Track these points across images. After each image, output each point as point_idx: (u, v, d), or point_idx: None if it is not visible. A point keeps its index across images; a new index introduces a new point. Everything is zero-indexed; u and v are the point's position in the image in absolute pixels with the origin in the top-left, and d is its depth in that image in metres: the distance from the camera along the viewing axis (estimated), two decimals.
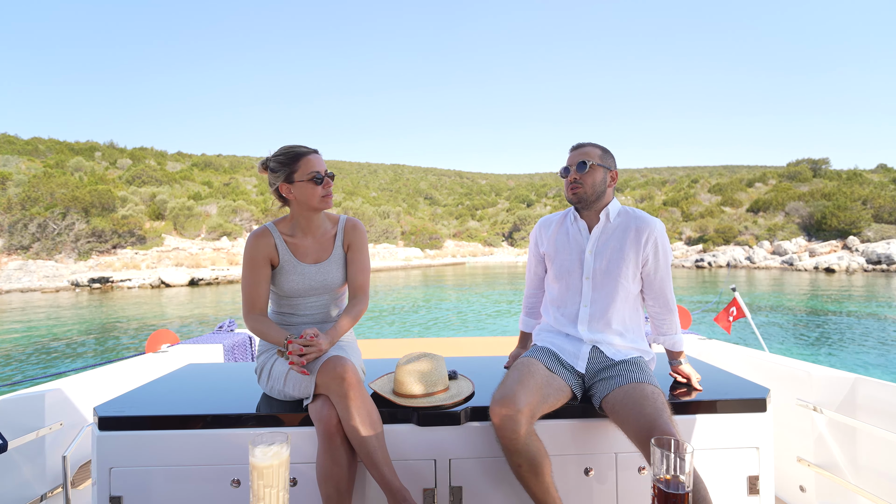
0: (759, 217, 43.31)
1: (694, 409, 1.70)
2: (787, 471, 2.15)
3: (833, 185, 42.91)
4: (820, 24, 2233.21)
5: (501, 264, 43.57)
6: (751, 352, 2.61)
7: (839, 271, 28.52)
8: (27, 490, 1.98)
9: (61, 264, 28.55)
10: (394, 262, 40.55)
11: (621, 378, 1.61)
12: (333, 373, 1.56)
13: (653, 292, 1.83)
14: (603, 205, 1.81)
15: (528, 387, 1.53)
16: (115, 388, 2.42)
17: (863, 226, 34.98)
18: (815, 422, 2.03)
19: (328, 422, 1.54)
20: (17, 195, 31.89)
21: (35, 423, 2.02)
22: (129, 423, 1.62)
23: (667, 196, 56.38)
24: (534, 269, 2.03)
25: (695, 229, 43.16)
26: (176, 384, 2.01)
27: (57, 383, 2.22)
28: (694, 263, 35.58)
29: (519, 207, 65.91)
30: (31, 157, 44.38)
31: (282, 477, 1.06)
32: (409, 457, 1.65)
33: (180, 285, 25.14)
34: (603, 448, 1.68)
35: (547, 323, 1.92)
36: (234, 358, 3.39)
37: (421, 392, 1.71)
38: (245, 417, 1.64)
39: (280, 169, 1.76)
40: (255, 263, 1.79)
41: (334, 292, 1.90)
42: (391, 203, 65.11)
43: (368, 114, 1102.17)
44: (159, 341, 3.24)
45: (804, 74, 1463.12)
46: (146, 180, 42.81)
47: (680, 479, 0.98)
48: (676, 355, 1.90)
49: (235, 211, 39.50)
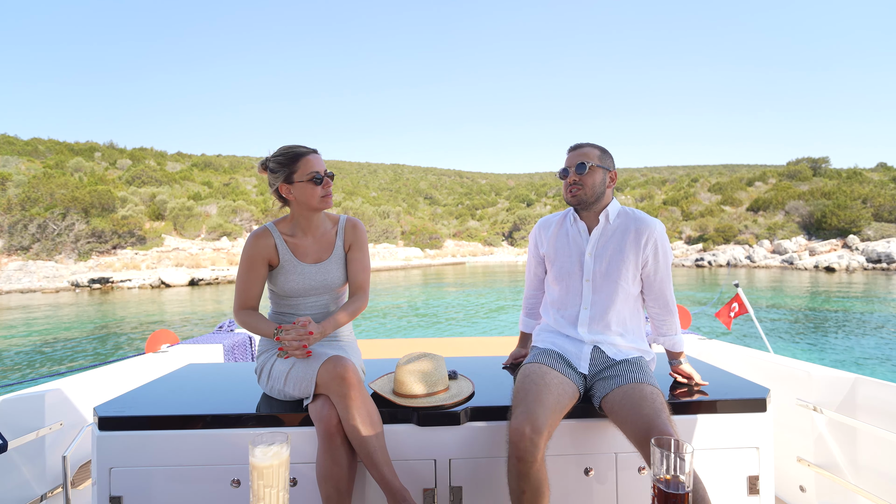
0: (759, 216, 43.30)
1: (694, 409, 1.70)
2: (787, 471, 2.15)
3: (833, 184, 42.88)
4: (820, 22, 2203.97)
5: (501, 264, 43.57)
6: (751, 352, 2.61)
7: (839, 270, 28.52)
8: (27, 490, 1.98)
9: (61, 265, 28.56)
10: (394, 262, 40.56)
11: (621, 378, 1.61)
12: (334, 372, 1.56)
13: (653, 293, 1.82)
14: (602, 206, 1.80)
15: (548, 405, 1.49)
16: (115, 388, 2.42)
17: (863, 224, 34.96)
18: (815, 422, 2.03)
19: (328, 422, 1.54)
20: (16, 196, 31.88)
21: (35, 423, 2.02)
22: (129, 423, 1.62)
23: (667, 195, 56.36)
24: (533, 270, 2.03)
25: (695, 228, 43.14)
26: (176, 384, 2.01)
27: (57, 383, 2.22)
28: (694, 262, 35.58)
29: (519, 207, 65.90)
30: (31, 157, 44.34)
31: (282, 477, 1.06)
32: (409, 457, 1.65)
33: (180, 285, 25.15)
34: (603, 448, 1.68)
35: (547, 324, 1.92)
36: (234, 358, 3.39)
37: (421, 392, 1.71)
38: (245, 417, 1.64)
39: (279, 169, 1.76)
40: (252, 263, 1.79)
41: (335, 292, 1.90)
42: (391, 203, 65.09)
43: (368, 114, 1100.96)
44: (159, 341, 3.24)
45: (804, 73, 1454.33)
46: (146, 181, 42.78)
47: (680, 479, 0.98)
48: (676, 355, 1.90)
49: (235, 211, 39.49)
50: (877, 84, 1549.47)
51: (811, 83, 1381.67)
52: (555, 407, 1.51)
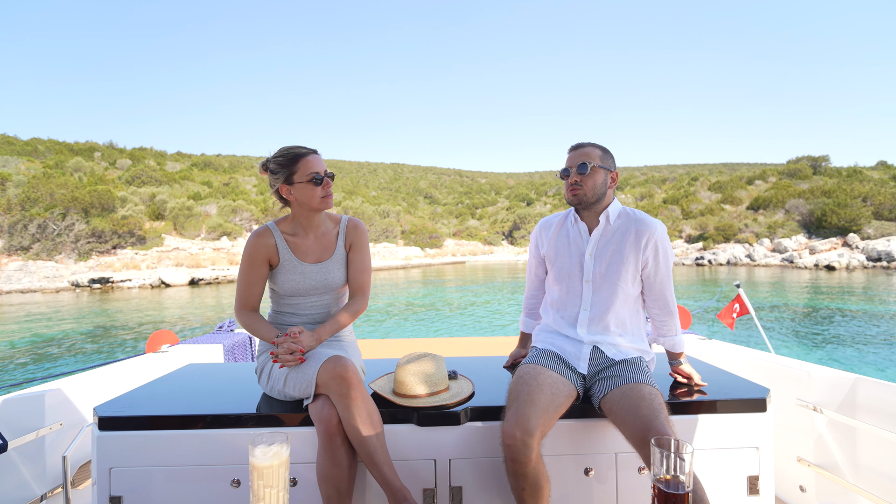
0: (760, 215, 43.27)
1: (694, 409, 1.70)
2: (787, 471, 2.15)
3: (833, 183, 42.83)
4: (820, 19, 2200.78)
5: (501, 263, 43.56)
6: (751, 352, 2.61)
7: (839, 269, 28.51)
8: (27, 490, 1.99)
9: (61, 265, 28.55)
10: (394, 262, 40.55)
11: (620, 378, 1.61)
12: (334, 372, 1.56)
13: (653, 294, 1.82)
14: (603, 206, 1.79)
15: (540, 405, 1.50)
16: (115, 388, 2.42)
17: (863, 223, 34.93)
18: (815, 422, 2.03)
19: (328, 422, 1.54)
20: (16, 196, 31.86)
21: (35, 423, 2.02)
22: (129, 423, 1.62)
23: (667, 194, 56.32)
24: (534, 270, 2.03)
25: (695, 227, 43.11)
26: (176, 384, 2.01)
27: (57, 383, 2.22)
28: (694, 261, 35.58)
29: (519, 206, 65.87)
30: (31, 157, 44.30)
31: (282, 477, 1.06)
32: (409, 457, 1.65)
33: (180, 285, 25.14)
34: (603, 448, 1.68)
35: (546, 324, 1.91)
36: (234, 358, 3.39)
37: (421, 392, 1.71)
38: (245, 417, 1.64)
39: (280, 170, 1.76)
40: (253, 262, 1.80)
41: (335, 292, 1.90)
42: (391, 202, 65.08)
43: (368, 114, 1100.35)
44: (159, 341, 3.24)
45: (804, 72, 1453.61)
46: (146, 180, 42.75)
47: (680, 480, 0.98)
48: (677, 356, 1.90)
49: (235, 211, 39.46)
50: (877, 82, 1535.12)
51: (811, 82, 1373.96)
52: (547, 407, 1.51)
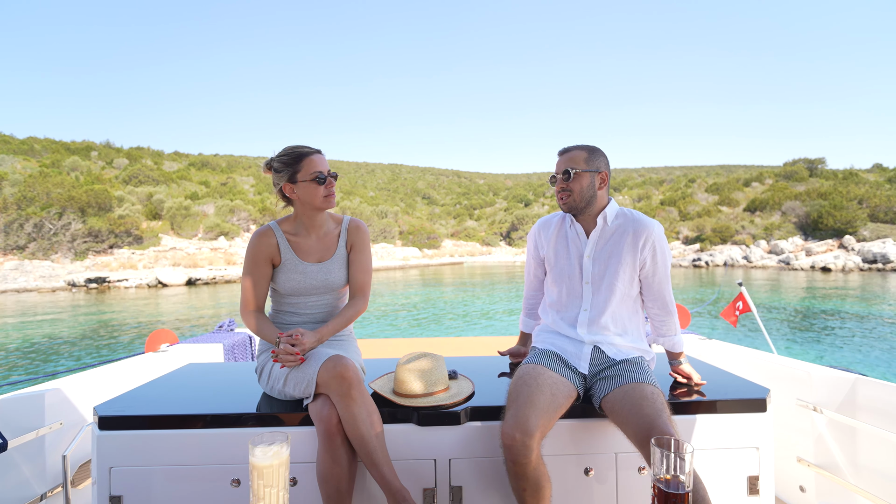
0: (756, 216, 43.40)
1: (694, 409, 1.70)
2: (787, 471, 2.15)
3: (829, 185, 43.00)
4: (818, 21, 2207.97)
5: (499, 264, 43.58)
6: (751, 352, 2.61)
7: (835, 270, 28.62)
8: (27, 490, 1.98)
9: (58, 264, 28.43)
10: (392, 262, 40.51)
11: (621, 378, 1.61)
12: (334, 371, 1.56)
13: (651, 294, 1.82)
14: (598, 208, 1.78)
15: (539, 406, 1.49)
16: (115, 387, 2.41)
17: (859, 225, 35.07)
18: (815, 422, 2.04)
19: (328, 421, 1.54)
20: (12, 195, 31.71)
21: (35, 423, 2.01)
22: (128, 422, 1.62)
23: (664, 196, 56.44)
24: (533, 271, 2.03)
25: (692, 229, 43.22)
26: (176, 384, 2.01)
27: (57, 383, 2.21)
28: (691, 263, 35.65)
29: (517, 207, 65.94)
30: (27, 156, 44.10)
31: (282, 477, 1.06)
32: (409, 457, 1.65)
33: (177, 285, 25.07)
34: (603, 448, 1.68)
35: (546, 324, 1.91)
36: (234, 357, 3.38)
37: (421, 391, 1.71)
38: (245, 417, 1.64)
39: (283, 169, 1.77)
40: (255, 262, 1.81)
41: (336, 292, 1.90)
42: (389, 203, 65.00)
43: (366, 114, 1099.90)
44: (159, 341, 3.23)
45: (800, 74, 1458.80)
46: (143, 180, 42.60)
47: (680, 479, 0.98)
48: (676, 356, 1.91)
49: (233, 210, 39.35)
50: (873, 85, 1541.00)
51: (807, 85, 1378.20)
52: (547, 408, 1.51)
